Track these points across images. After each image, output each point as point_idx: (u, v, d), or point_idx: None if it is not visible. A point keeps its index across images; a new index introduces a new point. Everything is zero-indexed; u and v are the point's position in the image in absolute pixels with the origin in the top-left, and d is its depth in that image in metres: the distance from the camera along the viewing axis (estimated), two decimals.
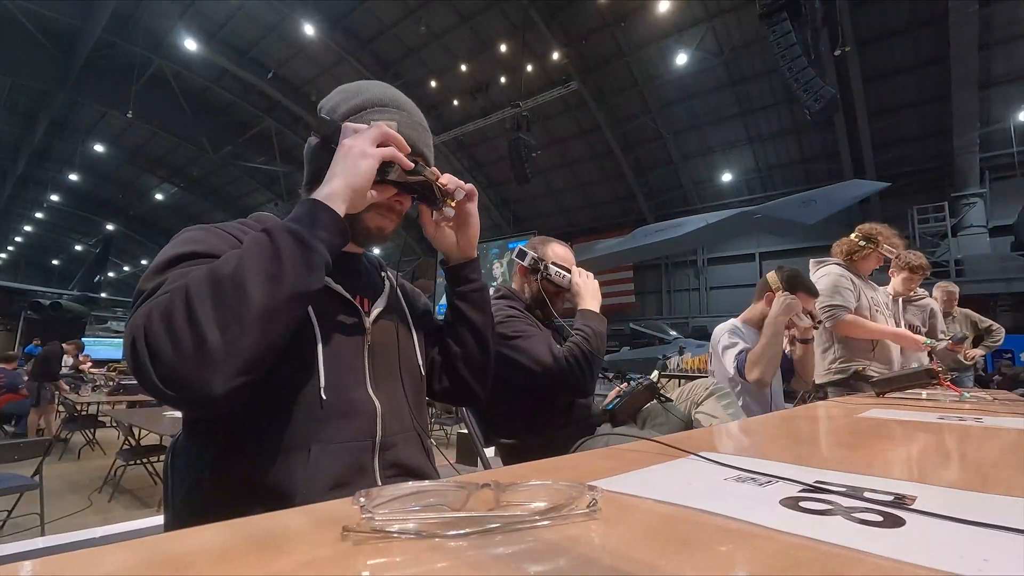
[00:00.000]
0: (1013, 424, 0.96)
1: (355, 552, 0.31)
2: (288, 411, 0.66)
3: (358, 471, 0.69)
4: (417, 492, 0.37)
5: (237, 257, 0.57)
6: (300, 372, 0.68)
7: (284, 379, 0.66)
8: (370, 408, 0.73)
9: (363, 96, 0.80)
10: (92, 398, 5.45)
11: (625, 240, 12.41)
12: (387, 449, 0.73)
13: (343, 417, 0.70)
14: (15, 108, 17.02)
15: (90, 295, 19.60)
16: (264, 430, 0.66)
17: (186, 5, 13.49)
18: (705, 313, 15.86)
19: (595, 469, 0.55)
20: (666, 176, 15.91)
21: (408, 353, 0.84)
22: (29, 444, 2.76)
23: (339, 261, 0.80)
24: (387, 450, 0.73)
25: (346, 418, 0.70)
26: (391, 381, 0.78)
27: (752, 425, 1.07)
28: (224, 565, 0.28)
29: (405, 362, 0.82)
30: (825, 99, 8.33)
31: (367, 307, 0.80)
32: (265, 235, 0.59)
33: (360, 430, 0.71)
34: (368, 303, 0.80)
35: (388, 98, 0.81)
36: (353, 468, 0.69)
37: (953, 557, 0.29)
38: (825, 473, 0.51)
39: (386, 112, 0.79)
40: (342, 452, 0.68)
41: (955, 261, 11.21)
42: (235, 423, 0.65)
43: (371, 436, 0.72)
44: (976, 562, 0.29)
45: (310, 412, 0.67)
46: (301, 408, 0.67)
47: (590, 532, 0.35)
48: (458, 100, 15.32)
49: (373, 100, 0.80)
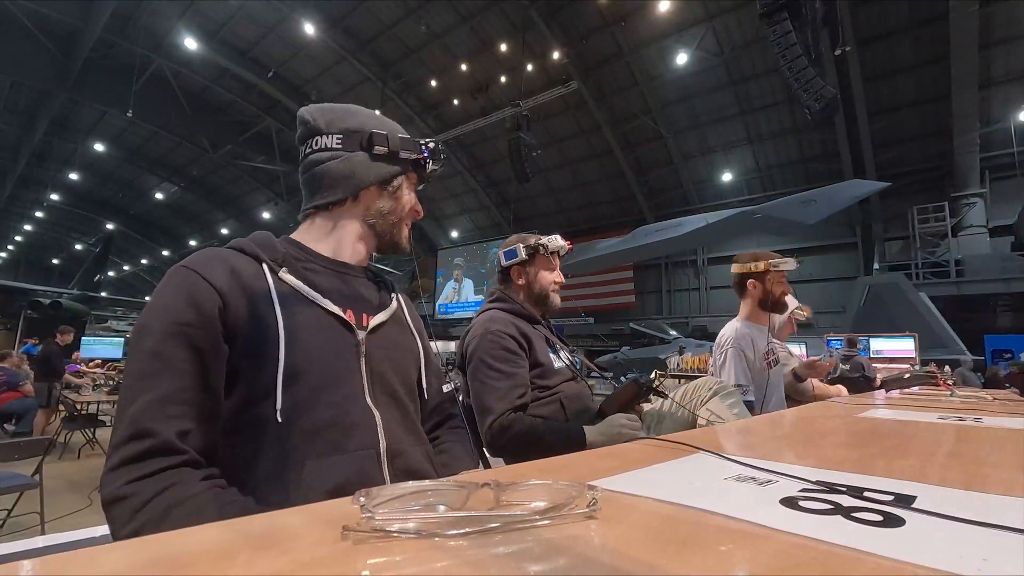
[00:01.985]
0: (1013, 424, 0.96)
1: (355, 551, 0.31)
2: (255, 435, 0.66)
3: (365, 480, 0.69)
4: (417, 491, 0.37)
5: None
6: (257, 395, 0.67)
7: (245, 407, 0.66)
8: (369, 419, 0.72)
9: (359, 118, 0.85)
10: (92, 397, 5.45)
11: (625, 240, 12.39)
12: (396, 457, 0.73)
13: (338, 430, 0.69)
14: (15, 108, 17.03)
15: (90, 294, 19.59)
16: (241, 455, 0.65)
17: (186, 5, 13.50)
18: (705, 313, 15.87)
19: (595, 468, 0.55)
20: (666, 176, 15.92)
21: (407, 365, 0.84)
22: (29, 443, 2.76)
23: (340, 277, 0.81)
24: (396, 458, 0.73)
25: (342, 430, 0.69)
26: (391, 392, 0.78)
27: (752, 425, 1.07)
28: (224, 565, 0.28)
29: (404, 374, 0.83)
30: (825, 99, 8.33)
31: (366, 321, 0.80)
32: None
33: (361, 441, 0.70)
34: (368, 317, 0.80)
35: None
36: (358, 477, 0.68)
37: (953, 557, 0.29)
38: (825, 473, 0.51)
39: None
40: (342, 463, 0.68)
41: (955, 261, 11.22)
42: (222, 452, 0.65)
43: (374, 446, 0.71)
44: (976, 562, 0.29)
45: (277, 432, 0.66)
46: (266, 430, 0.66)
47: (590, 531, 0.35)
48: (458, 100, 15.34)
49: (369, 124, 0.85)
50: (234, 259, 0.72)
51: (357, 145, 0.82)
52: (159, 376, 0.61)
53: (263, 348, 0.67)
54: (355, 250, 0.85)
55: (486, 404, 1.28)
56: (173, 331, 0.63)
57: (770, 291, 1.99)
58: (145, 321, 0.65)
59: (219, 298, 0.66)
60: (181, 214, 26.28)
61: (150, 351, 0.62)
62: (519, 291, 1.54)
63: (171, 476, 0.58)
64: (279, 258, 0.75)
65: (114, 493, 0.56)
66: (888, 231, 13.12)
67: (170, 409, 0.60)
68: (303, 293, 0.74)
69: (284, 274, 0.74)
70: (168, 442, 0.58)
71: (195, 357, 0.63)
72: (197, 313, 0.65)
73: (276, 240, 0.80)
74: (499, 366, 1.32)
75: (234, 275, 0.70)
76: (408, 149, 0.85)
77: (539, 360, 1.40)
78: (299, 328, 0.70)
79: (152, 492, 0.56)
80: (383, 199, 0.85)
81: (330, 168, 0.81)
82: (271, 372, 0.66)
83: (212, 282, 0.67)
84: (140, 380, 0.61)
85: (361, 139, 0.82)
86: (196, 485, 0.58)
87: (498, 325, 1.39)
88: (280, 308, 0.70)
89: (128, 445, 0.58)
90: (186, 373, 0.62)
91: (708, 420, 1.32)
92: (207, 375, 0.64)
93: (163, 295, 0.66)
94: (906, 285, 9.86)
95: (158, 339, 0.62)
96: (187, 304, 0.65)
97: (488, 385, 1.30)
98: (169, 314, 0.64)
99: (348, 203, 0.83)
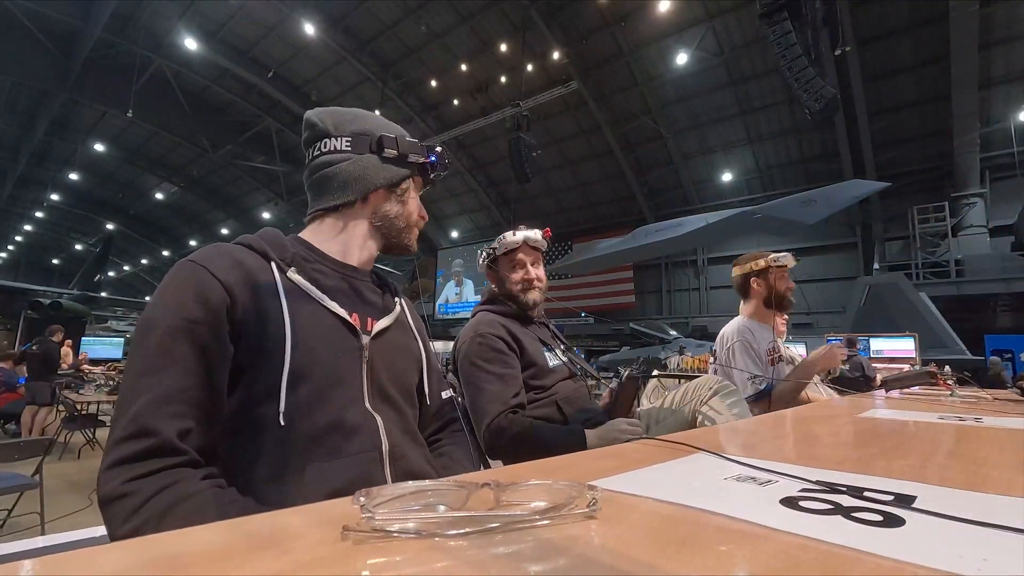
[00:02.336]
0: (1013, 424, 0.96)
1: (355, 551, 0.31)
2: (256, 436, 0.65)
3: (367, 483, 0.68)
4: (417, 491, 0.37)
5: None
6: (260, 395, 0.66)
7: (246, 408, 0.66)
8: (370, 422, 0.72)
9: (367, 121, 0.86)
10: (92, 397, 5.45)
11: (625, 240, 12.39)
12: (398, 459, 0.73)
13: (340, 433, 0.69)
14: (15, 108, 17.02)
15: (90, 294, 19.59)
16: (242, 456, 0.65)
17: (186, 5, 13.49)
18: (705, 313, 15.87)
19: (595, 468, 0.55)
20: (666, 176, 15.92)
21: (408, 369, 0.85)
22: (29, 443, 2.76)
23: (347, 279, 0.81)
24: (398, 460, 0.73)
25: (344, 434, 0.69)
26: (391, 397, 0.78)
27: (752, 424, 1.07)
28: (224, 565, 0.28)
29: (405, 379, 0.83)
30: (825, 99, 8.33)
31: (370, 325, 0.80)
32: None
33: (362, 443, 0.70)
34: (372, 321, 0.80)
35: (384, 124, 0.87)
36: (360, 480, 0.68)
37: (953, 557, 0.29)
38: (825, 472, 0.51)
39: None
40: (343, 467, 0.67)
41: (955, 261, 11.22)
42: (221, 453, 0.65)
43: (376, 448, 0.71)
44: (976, 562, 0.29)
45: (279, 434, 0.65)
46: (268, 432, 0.65)
47: (590, 532, 0.35)
48: (458, 100, 15.33)
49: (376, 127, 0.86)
50: (242, 255, 0.72)
51: (366, 148, 0.83)
52: (163, 373, 0.60)
53: (269, 348, 0.67)
54: (362, 252, 0.85)
55: (480, 407, 1.28)
56: (180, 327, 0.62)
57: (774, 287, 2.01)
58: (151, 315, 0.64)
59: (226, 295, 0.66)
60: (181, 214, 26.27)
61: (155, 347, 0.61)
62: (501, 291, 1.53)
63: (171, 475, 0.57)
64: (288, 257, 0.75)
65: (113, 491, 0.55)
66: (888, 231, 13.12)
67: (172, 408, 0.59)
68: (311, 294, 0.74)
69: (292, 274, 0.73)
70: (168, 441, 0.58)
71: (200, 355, 0.63)
72: (204, 310, 0.64)
73: (286, 239, 0.80)
74: (490, 368, 1.32)
75: (242, 272, 0.69)
76: (416, 153, 0.86)
77: (532, 360, 1.38)
78: (305, 329, 0.70)
79: (152, 491, 0.56)
80: (391, 202, 0.85)
81: (340, 170, 0.81)
82: (276, 373, 0.66)
83: (220, 278, 0.66)
84: (144, 376, 0.60)
85: (371, 142, 0.83)
86: (196, 484, 0.58)
87: (486, 327, 1.38)
88: (287, 308, 0.69)
89: (128, 443, 0.57)
90: (190, 371, 0.62)
91: (709, 419, 1.31)
92: (211, 373, 0.63)
93: (170, 290, 0.66)
94: (906, 285, 9.86)
95: (164, 335, 0.62)
96: (194, 300, 0.64)
97: (481, 388, 1.30)
98: (176, 310, 0.63)
99: (357, 205, 0.83)
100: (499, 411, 1.25)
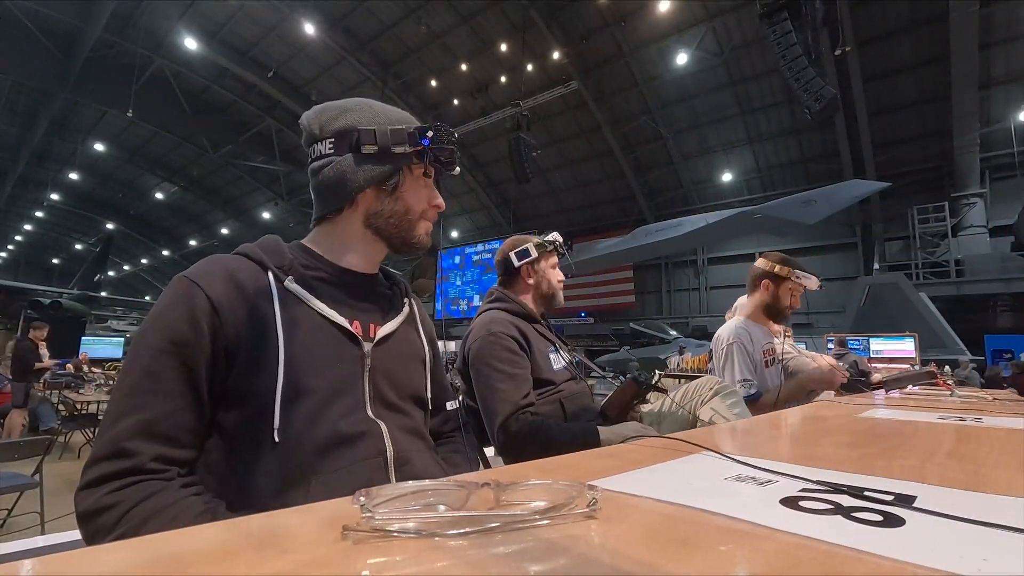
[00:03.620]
0: (1013, 424, 0.96)
1: (355, 551, 0.31)
2: (256, 454, 0.65)
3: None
4: (417, 491, 0.37)
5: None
6: (255, 413, 0.66)
7: (244, 425, 0.65)
8: (374, 428, 0.72)
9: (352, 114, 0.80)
10: (92, 397, 5.45)
11: (625, 240, 12.41)
12: (403, 464, 0.72)
13: (343, 444, 0.68)
14: (15, 108, 17.03)
15: (90, 294, 19.61)
16: (243, 474, 0.65)
17: (186, 5, 13.50)
18: (705, 313, 15.88)
19: (595, 468, 0.55)
20: (666, 176, 15.93)
21: (414, 374, 0.83)
22: (29, 443, 2.76)
23: (348, 286, 0.79)
24: (403, 465, 0.72)
25: (347, 443, 0.69)
26: (395, 403, 0.77)
27: (751, 425, 1.07)
28: (224, 565, 0.28)
29: (410, 384, 0.81)
30: (825, 99, 8.33)
31: (373, 331, 0.78)
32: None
33: (367, 450, 0.70)
34: (375, 326, 0.79)
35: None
36: (365, 487, 0.67)
37: (953, 557, 0.29)
38: (825, 472, 0.51)
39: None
40: (348, 476, 0.67)
41: (955, 261, 11.23)
42: (222, 470, 0.65)
43: (381, 453, 0.71)
44: (976, 562, 0.29)
45: (278, 451, 0.64)
46: (267, 449, 0.65)
47: (590, 531, 0.35)
48: (458, 100, 15.34)
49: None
50: (238, 267, 0.71)
51: (347, 147, 0.77)
52: (149, 396, 0.61)
53: (263, 364, 0.66)
54: (363, 256, 0.82)
55: (492, 407, 1.28)
56: (168, 349, 0.63)
57: (779, 298, 1.98)
58: (143, 333, 0.65)
59: (217, 315, 0.66)
60: (181, 214, 26.27)
61: (143, 369, 0.62)
62: (527, 290, 1.53)
63: (152, 486, 0.58)
64: (286, 265, 0.74)
65: (96, 503, 0.56)
66: (888, 231, 13.13)
67: (156, 430, 0.60)
68: (309, 304, 0.72)
69: (290, 283, 0.72)
70: (145, 464, 0.59)
71: (187, 376, 0.63)
72: (194, 330, 0.64)
73: (285, 246, 0.78)
74: (503, 367, 1.32)
75: (237, 287, 0.68)
76: (401, 143, 0.77)
77: (539, 360, 1.39)
78: (301, 342, 0.69)
79: (135, 499, 0.56)
80: (382, 200, 0.80)
81: (323, 178, 0.78)
82: (270, 390, 0.65)
83: (212, 296, 0.66)
84: (130, 397, 0.61)
85: (351, 139, 0.77)
86: (176, 493, 0.59)
87: (498, 326, 1.39)
88: (282, 322, 0.68)
89: (109, 462, 0.58)
90: (176, 394, 0.62)
91: (709, 419, 1.31)
92: (198, 394, 0.64)
93: (163, 307, 0.66)
94: (906, 285, 9.87)
95: (152, 355, 0.62)
96: (185, 320, 0.64)
97: (493, 388, 1.30)
98: (165, 331, 0.64)
99: (347, 210, 0.79)
100: (511, 411, 1.26)
